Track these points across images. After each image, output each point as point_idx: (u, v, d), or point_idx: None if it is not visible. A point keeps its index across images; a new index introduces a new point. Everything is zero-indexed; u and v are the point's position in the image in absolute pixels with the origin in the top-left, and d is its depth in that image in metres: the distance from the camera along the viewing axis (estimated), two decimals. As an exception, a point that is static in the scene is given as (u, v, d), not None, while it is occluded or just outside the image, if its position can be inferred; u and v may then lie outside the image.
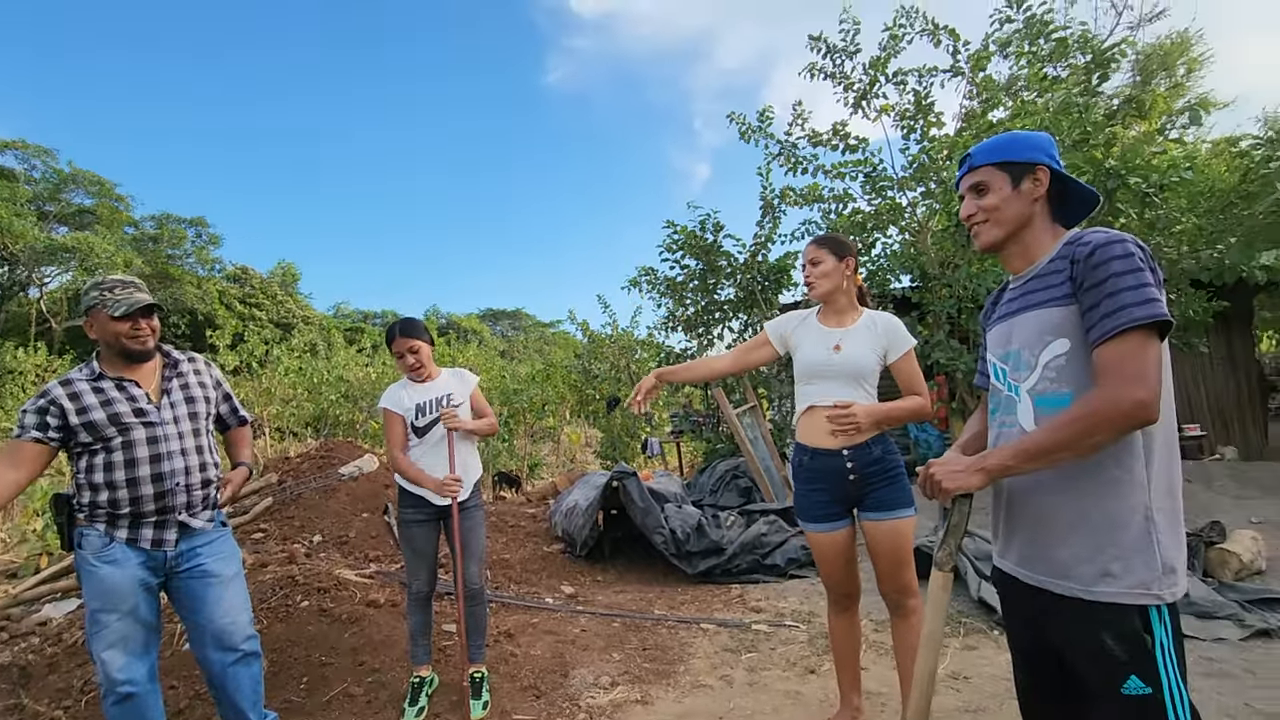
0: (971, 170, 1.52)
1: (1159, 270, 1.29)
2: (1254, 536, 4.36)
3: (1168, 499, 1.29)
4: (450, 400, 2.99)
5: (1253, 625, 3.36)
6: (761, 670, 3.21)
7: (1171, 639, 1.25)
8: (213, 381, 2.53)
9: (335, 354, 15.86)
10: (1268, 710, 2.59)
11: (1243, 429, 8.07)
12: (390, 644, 3.39)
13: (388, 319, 38.29)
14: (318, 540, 5.39)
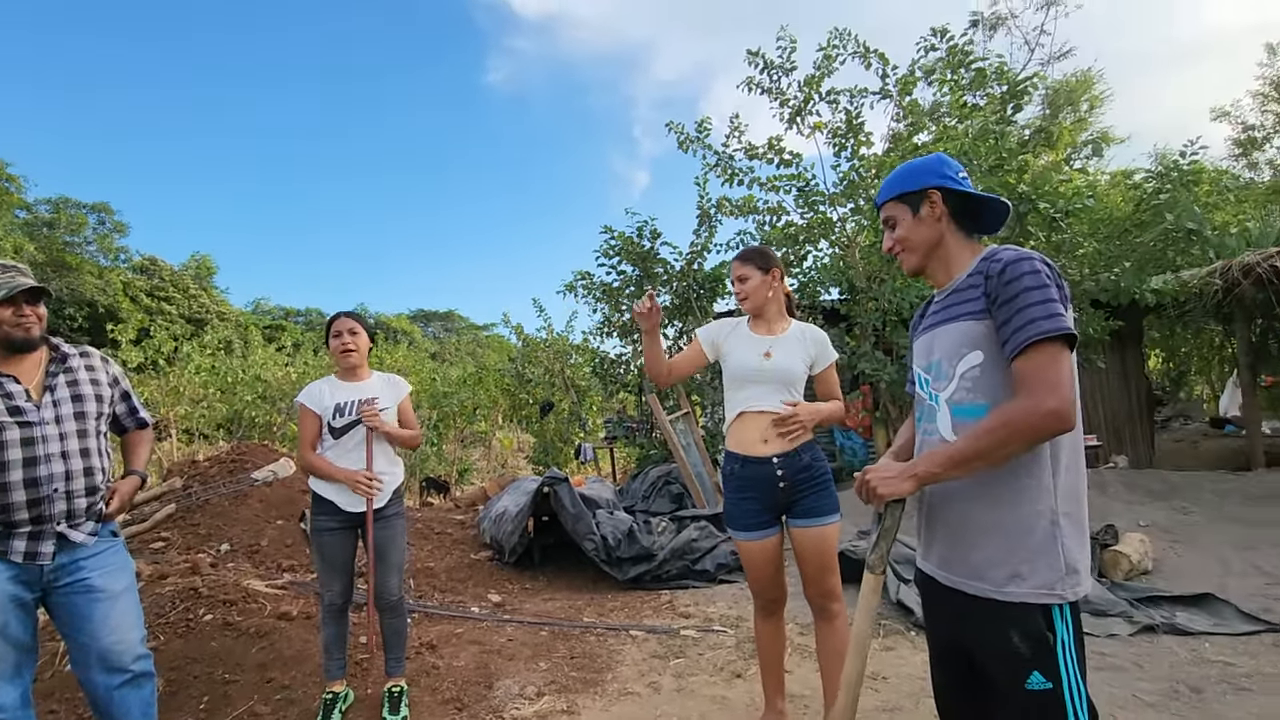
0: (879, 209, 1.63)
1: (1065, 287, 1.36)
2: (1142, 539, 4.70)
3: (1073, 504, 1.36)
4: (374, 404, 2.87)
5: (1140, 621, 3.61)
6: (689, 676, 3.21)
7: (1072, 637, 1.32)
8: (108, 379, 2.32)
9: (253, 352, 15.03)
10: (1151, 700, 2.78)
11: (1133, 440, 8.71)
12: (302, 659, 3.21)
13: (312, 317, 36.64)
14: (226, 549, 5.07)
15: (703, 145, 7.90)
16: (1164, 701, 2.77)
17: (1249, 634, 3.46)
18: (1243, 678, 2.95)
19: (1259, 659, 3.16)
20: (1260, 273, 6.83)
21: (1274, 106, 18.05)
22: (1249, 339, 8.51)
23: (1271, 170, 17.44)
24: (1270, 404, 10.78)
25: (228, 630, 3.43)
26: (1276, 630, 3.48)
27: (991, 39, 16.25)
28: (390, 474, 2.90)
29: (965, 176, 1.56)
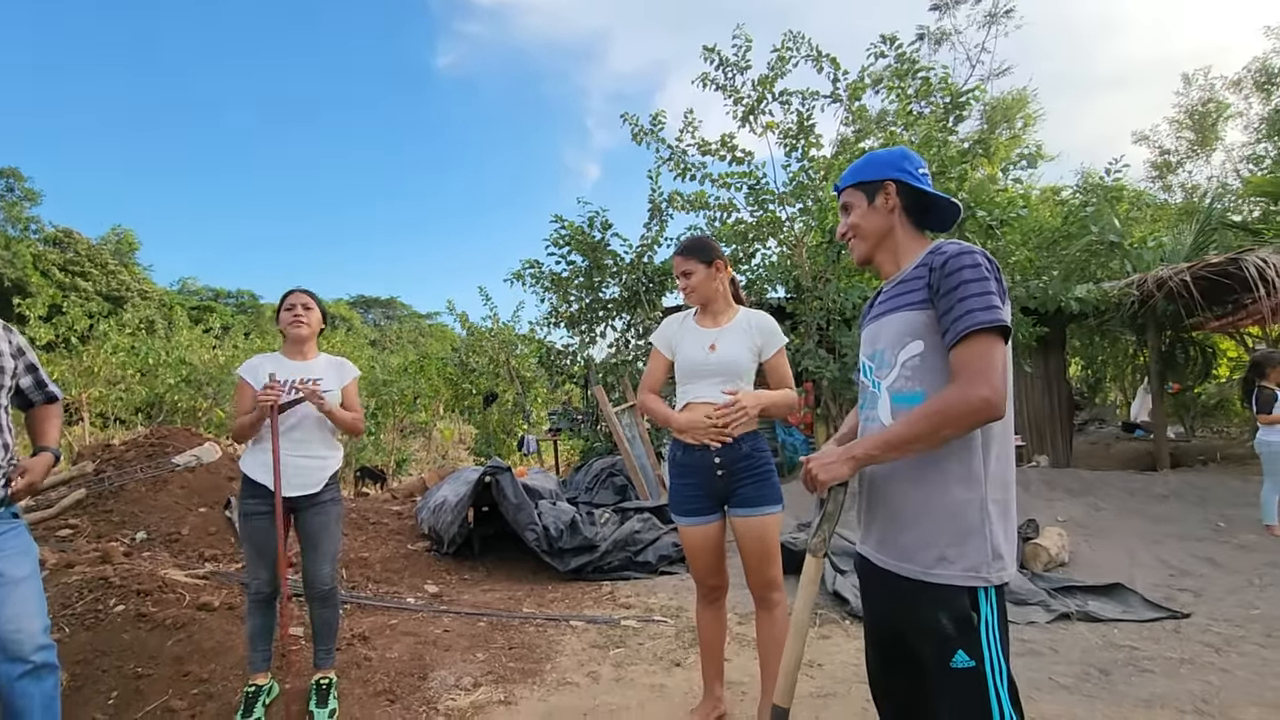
0: (839, 193, 1.66)
1: (1003, 281, 1.41)
2: (1060, 533, 4.97)
3: (1001, 492, 1.41)
4: (317, 385, 2.75)
5: (1057, 610, 3.81)
6: (628, 665, 3.21)
7: (996, 618, 1.38)
8: (11, 349, 2.15)
9: (177, 333, 14.21)
10: (1065, 683, 2.94)
11: (1054, 440, 9.19)
12: (223, 651, 3.05)
13: (243, 299, 35.01)
14: (142, 538, 4.78)
15: (656, 139, 7.91)
16: (1077, 684, 2.93)
17: (1152, 620, 3.70)
18: (1146, 660, 3.15)
19: (1161, 643, 3.38)
20: (1172, 286, 7.29)
21: (1187, 134, 19.35)
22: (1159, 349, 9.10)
23: (1184, 192, 18.71)
24: (1176, 410, 11.55)
25: (141, 622, 3.23)
26: (1176, 617, 3.73)
27: (936, 53, 16.86)
28: (328, 458, 2.79)
29: (925, 173, 1.60)
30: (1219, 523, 5.62)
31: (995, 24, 16.08)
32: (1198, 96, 19.13)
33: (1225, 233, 9.36)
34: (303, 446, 2.71)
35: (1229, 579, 4.37)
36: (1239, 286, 7.29)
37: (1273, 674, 2.95)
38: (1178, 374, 10.41)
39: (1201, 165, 19.31)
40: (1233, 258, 7.02)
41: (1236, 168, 17.56)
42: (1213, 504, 6.01)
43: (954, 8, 16.73)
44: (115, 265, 26.43)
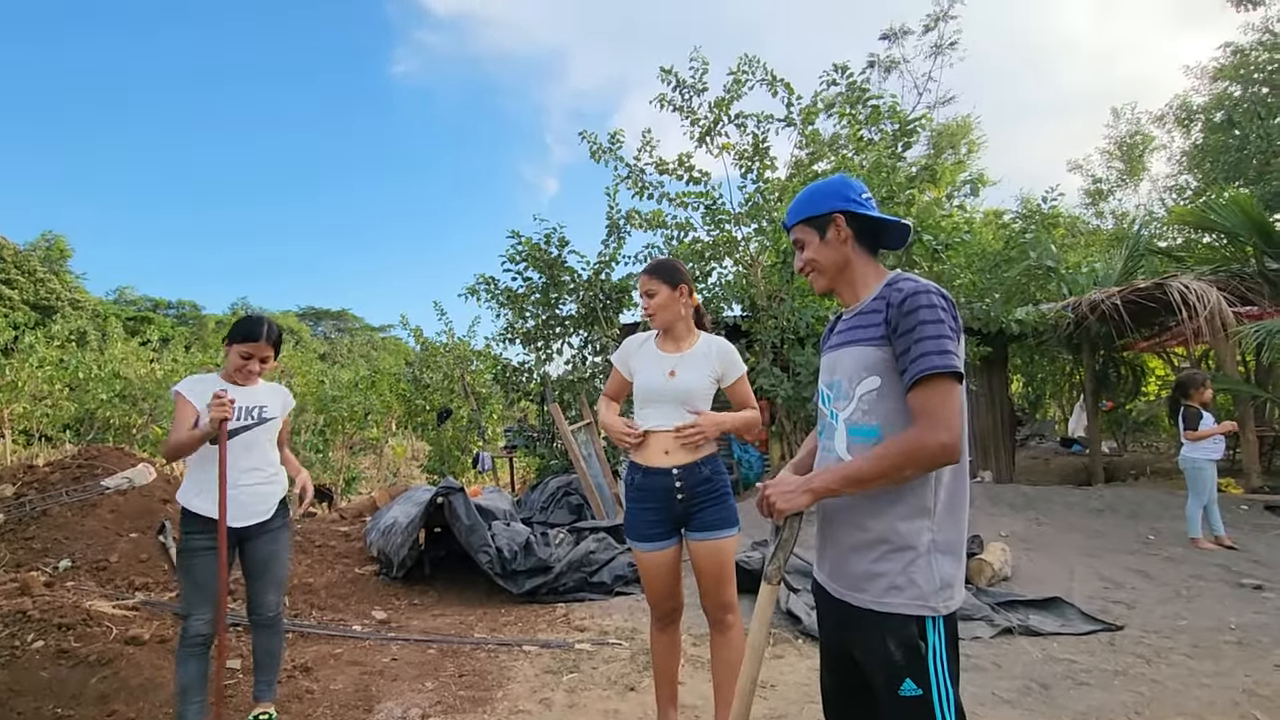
0: (788, 229, 1.68)
1: (959, 319, 1.45)
2: (1003, 548, 5.12)
3: (950, 525, 1.44)
4: (263, 414, 2.65)
5: (1000, 624, 3.92)
6: (582, 691, 3.16)
7: (944, 646, 1.40)
8: None
9: (111, 346, 13.54)
10: (1008, 697, 3.02)
11: (997, 455, 9.52)
12: (153, 688, 2.90)
13: (184, 310, 33.64)
14: (66, 566, 4.51)
15: (615, 157, 7.97)
16: (1019, 698, 3.01)
17: (1089, 633, 3.84)
18: (1083, 673, 3.26)
19: (1096, 656, 3.51)
20: (1104, 309, 7.68)
21: (1117, 164, 20.48)
22: (1093, 367, 9.55)
23: (1114, 219, 19.76)
24: (1109, 426, 12.12)
25: (62, 658, 3.04)
26: (1111, 629, 3.88)
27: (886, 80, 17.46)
28: (277, 482, 2.69)
29: (869, 197, 1.63)
30: (1149, 535, 5.89)
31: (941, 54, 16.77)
32: (1126, 129, 20.31)
33: (1152, 259, 9.92)
34: (252, 474, 2.59)
35: (1158, 590, 4.58)
36: (1164, 310, 7.72)
37: (1198, 684, 3.09)
38: (1110, 392, 10.94)
39: (1130, 194, 20.47)
40: (1158, 283, 7.44)
41: (1161, 197, 18.65)
42: (1144, 517, 6.31)
43: (902, 38, 17.38)
44: (44, 273, 25.06)
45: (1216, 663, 3.33)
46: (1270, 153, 12.94)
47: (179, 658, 2.49)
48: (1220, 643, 3.60)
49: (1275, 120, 12.95)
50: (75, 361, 11.10)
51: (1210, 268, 8.20)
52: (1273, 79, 13.34)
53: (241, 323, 2.67)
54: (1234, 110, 13.83)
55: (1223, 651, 3.48)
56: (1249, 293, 7.72)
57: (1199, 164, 15.38)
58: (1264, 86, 13.43)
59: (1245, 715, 2.78)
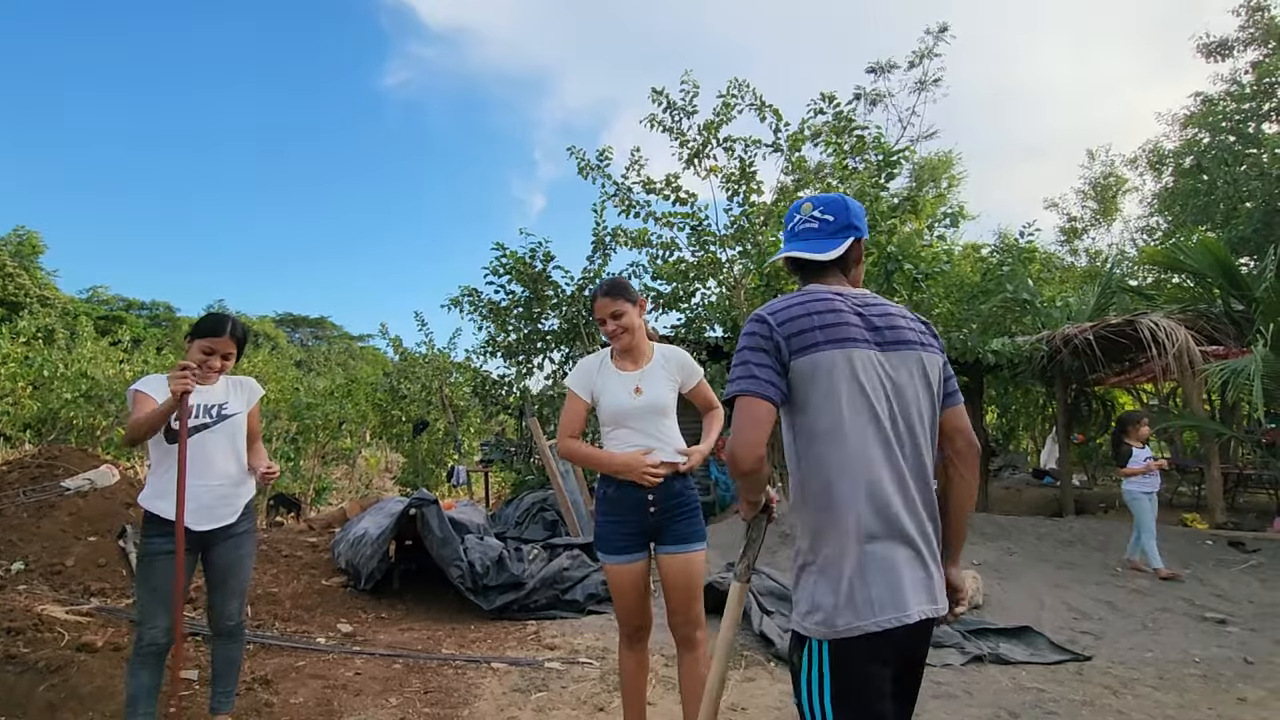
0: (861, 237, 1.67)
1: (765, 339, 1.45)
2: (974, 576, 5.15)
3: (813, 550, 1.42)
4: (222, 411, 2.58)
5: (971, 652, 3.93)
6: (550, 710, 3.11)
7: (816, 670, 1.38)
8: None
9: (80, 345, 13.20)
10: (979, 727, 3.02)
11: (971, 485, 9.63)
12: (105, 696, 2.79)
13: (158, 311, 33.01)
14: (19, 569, 4.35)
15: (602, 174, 8.02)
16: (988, 727, 3.01)
17: (1057, 663, 3.86)
18: (1051, 703, 3.28)
19: (1064, 685, 3.52)
20: (1077, 344, 7.83)
21: (1091, 203, 21.07)
22: (1066, 401, 9.72)
23: (1088, 256, 20.27)
24: (1080, 459, 12.31)
25: (10, 664, 2.93)
26: (1079, 659, 3.91)
27: (871, 112, 17.86)
28: (242, 485, 2.62)
29: (793, 226, 1.63)
30: (1117, 568, 5.97)
31: (925, 90, 17.22)
32: (1100, 170, 20.93)
33: (1124, 296, 10.17)
34: (214, 475, 2.52)
35: (1125, 622, 4.63)
36: (1135, 346, 7.90)
37: (1163, 716, 3.12)
38: (1082, 425, 11.12)
39: (1104, 233, 21.03)
40: (1129, 319, 7.62)
41: (1133, 237, 19.19)
42: (1112, 549, 6.39)
43: (888, 72, 17.82)
44: (14, 268, 24.46)
45: (1181, 695, 3.36)
46: (1237, 198, 13.40)
47: (130, 667, 2.40)
48: (1185, 675, 3.64)
49: (1241, 167, 13.42)
50: (40, 359, 10.82)
51: (1179, 306, 8.42)
52: (1239, 128, 13.84)
53: (205, 319, 2.62)
54: (1202, 156, 14.31)
55: (1187, 684, 3.51)
56: (1215, 332, 7.93)
57: (1169, 206, 15.86)
58: (1231, 135, 13.92)
59: (1209, 748, 2.81)
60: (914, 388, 1.48)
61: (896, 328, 1.51)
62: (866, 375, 1.42)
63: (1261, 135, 13.44)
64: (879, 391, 1.43)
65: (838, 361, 1.42)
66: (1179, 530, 7.10)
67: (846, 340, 1.43)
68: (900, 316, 1.55)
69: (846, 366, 1.42)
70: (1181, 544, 6.53)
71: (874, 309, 1.52)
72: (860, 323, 1.48)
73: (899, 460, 1.43)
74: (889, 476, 1.41)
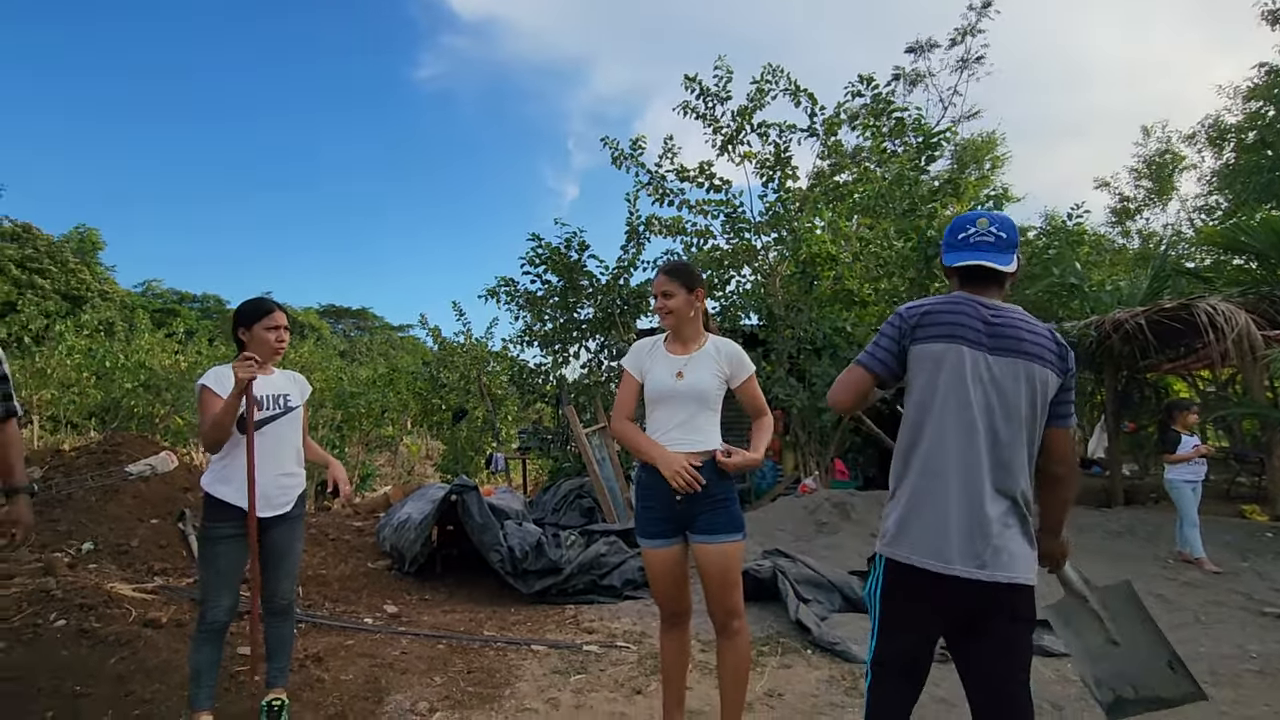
0: (1013, 252, 1.86)
1: (893, 324, 1.81)
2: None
3: (893, 492, 1.78)
4: (287, 402, 2.69)
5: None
6: (589, 692, 3.17)
7: (877, 585, 1.76)
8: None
9: (138, 337, 13.81)
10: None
11: (1015, 474, 9.38)
12: (169, 669, 2.95)
13: (209, 303, 34.22)
14: (88, 549, 4.61)
15: (636, 163, 8.02)
16: (1030, 718, 2.97)
17: (1104, 656, 3.77)
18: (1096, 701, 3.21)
19: (1112, 679, 3.44)
20: (1128, 329, 7.55)
21: (1145, 182, 20.20)
22: (1116, 388, 9.39)
23: (1141, 238, 19.47)
24: (1130, 448, 11.89)
25: (83, 637, 3.12)
26: (1127, 653, 3.81)
27: (911, 93, 17.41)
28: (299, 475, 2.74)
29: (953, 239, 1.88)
30: (1168, 559, 5.78)
31: (968, 69, 16.69)
32: (1155, 148, 20.03)
33: (1179, 279, 9.74)
34: (280, 465, 2.63)
35: (1175, 615, 4.49)
36: (1191, 331, 7.57)
37: (1216, 712, 3.03)
38: (1132, 413, 10.73)
39: (1158, 213, 20.16)
40: (1185, 304, 7.30)
41: (1190, 217, 18.36)
42: (1163, 541, 6.18)
43: (929, 52, 17.33)
44: (76, 264, 25.63)
45: (1236, 691, 3.26)
46: (1303, 175, 12.71)
47: (194, 643, 2.53)
48: (1241, 670, 3.52)
49: (1309, 142, 12.73)
50: (102, 351, 11.36)
51: (1239, 289, 8.03)
52: (1308, 100, 13.12)
53: (249, 304, 2.68)
54: (1267, 131, 13.60)
55: (1242, 680, 3.40)
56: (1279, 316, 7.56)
57: (1230, 184, 15.12)
58: (1299, 107, 13.21)
59: (1264, 745, 2.72)
60: (1017, 391, 1.68)
61: (1015, 338, 1.71)
62: (969, 368, 1.68)
63: (1332, 107, 12.71)
64: (976, 384, 1.67)
65: (946, 353, 1.69)
66: (1237, 522, 6.83)
67: (960, 338, 1.69)
68: (1027, 330, 1.73)
69: (954, 358, 1.68)
70: (1240, 536, 6.29)
71: (1003, 318, 1.73)
72: (982, 327, 1.71)
73: (979, 443, 1.66)
74: (962, 454, 1.66)
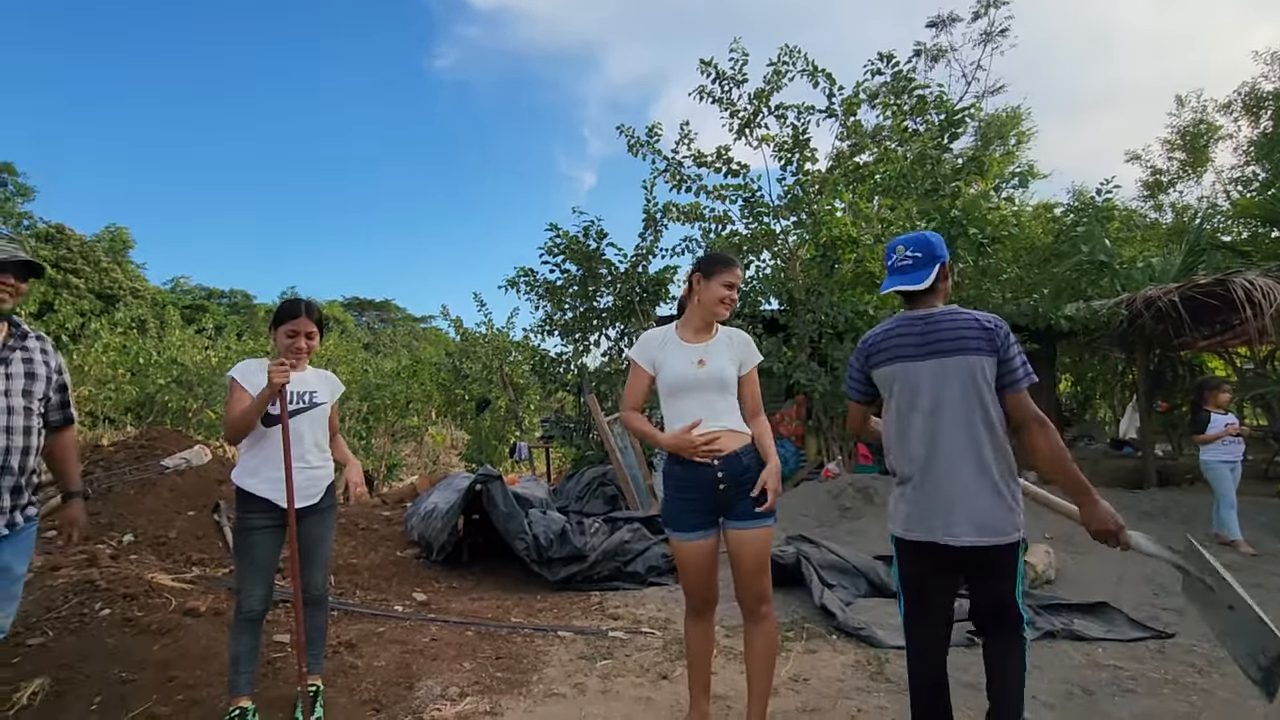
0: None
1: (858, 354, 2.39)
2: (1047, 550, 5.00)
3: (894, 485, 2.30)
4: (313, 398, 2.74)
5: (1043, 628, 3.83)
6: (615, 677, 3.21)
7: (895, 552, 2.30)
8: (55, 366, 2.31)
9: (169, 333, 14.13)
10: (1048, 701, 2.96)
11: (1043, 456, 9.25)
12: (210, 657, 3.05)
13: (236, 299, 34.91)
14: (129, 540, 4.76)
15: (652, 150, 7.96)
16: (1060, 702, 2.95)
17: (1136, 640, 3.72)
18: (1129, 680, 3.17)
19: (1144, 663, 3.40)
20: (1161, 306, 7.36)
21: (1179, 154, 19.57)
22: (1148, 367, 9.18)
23: (1174, 212, 18.90)
24: (1164, 428, 11.64)
25: (127, 626, 3.22)
26: (1161, 637, 3.76)
27: (932, 69, 17.05)
28: (327, 466, 2.79)
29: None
30: (1204, 541, 5.66)
31: (991, 42, 16.29)
32: (1190, 118, 19.36)
33: (1214, 254, 9.47)
34: (305, 458, 2.67)
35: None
36: (1227, 307, 7.36)
37: (1252, 694, 2.96)
38: (1166, 393, 10.48)
39: (1192, 186, 19.52)
40: (1221, 279, 7.10)
41: (1226, 189, 17.76)
42: (1198, 523, 6.06)
43: (951, 25, 16.93)
44: (108, 263, 26.27)
45: (1273, 675, 3.20)
46: (1346, 142, 12.21)
47: (232, 631, 2.61)
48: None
49: (1353, 107, 12.20)
50: (136, 348, 11.65)
51: (1278, 263, 7.79)
52: (1352, 63, 12.56)
53: (283, 305, 2.74)
54: (1308, 97, 13.07)
55: (1281, 663, 3.33)
56: (1320, 290, 7.31)
57: (1268, 154, 14.56)
58: (1342, 71, 12.65)
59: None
60: (954, 383, 2.12)
61: (941, 339, 2.14)
62: (912, 378, 2.19)
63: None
64: (918, 388, 2.17)
65: (894, 371, 2.23)
66: (1275, 503, 6.66)
67: (900, 357, 2.22)
68: (953, 329, 2.13)
69: (901, 373, 2.21)
70: (1277, 517, 6.14)
71: (933, 325, 2.17)
72: (915, 340, 2.18)
73: (941, 440, 2.13)
74: (925, 445, 2.15)
